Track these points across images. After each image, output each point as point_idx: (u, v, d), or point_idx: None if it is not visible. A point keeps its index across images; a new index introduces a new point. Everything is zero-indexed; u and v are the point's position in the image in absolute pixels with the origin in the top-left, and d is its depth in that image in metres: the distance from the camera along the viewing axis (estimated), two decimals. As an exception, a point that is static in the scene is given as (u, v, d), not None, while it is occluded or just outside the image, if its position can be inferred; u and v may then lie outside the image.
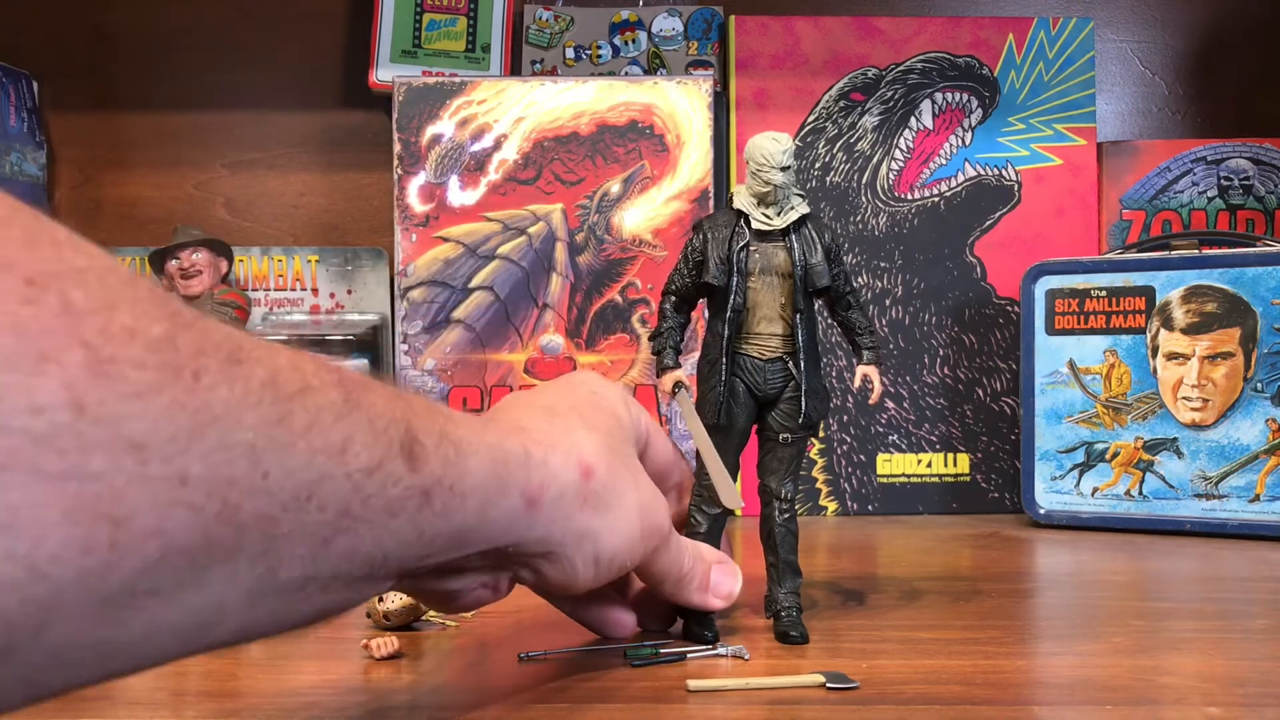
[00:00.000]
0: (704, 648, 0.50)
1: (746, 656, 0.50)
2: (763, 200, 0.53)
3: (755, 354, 0.54)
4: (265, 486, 0.27)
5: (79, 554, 0.23)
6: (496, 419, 0.43)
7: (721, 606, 0.52)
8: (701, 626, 0.52)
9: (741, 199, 0.54)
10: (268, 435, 0.27)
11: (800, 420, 0.53)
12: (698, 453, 0.53)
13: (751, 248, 0.53)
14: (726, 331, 0.53)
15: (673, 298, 0.55)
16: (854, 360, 0.56)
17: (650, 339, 0.56)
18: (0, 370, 0.22)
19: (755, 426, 0.55)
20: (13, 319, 0.22)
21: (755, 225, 0.53)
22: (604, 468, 0.43)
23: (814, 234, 0.54)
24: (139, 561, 0.24)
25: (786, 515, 0.54)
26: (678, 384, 0.54)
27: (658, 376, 0.55)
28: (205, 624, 0.28)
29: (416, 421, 0.33)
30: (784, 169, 0.52)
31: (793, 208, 0.54)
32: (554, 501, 0.40)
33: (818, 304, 0.56)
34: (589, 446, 0.43)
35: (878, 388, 0.55)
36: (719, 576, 0.52)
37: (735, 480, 0.54)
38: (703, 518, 0.54)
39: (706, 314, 0.55)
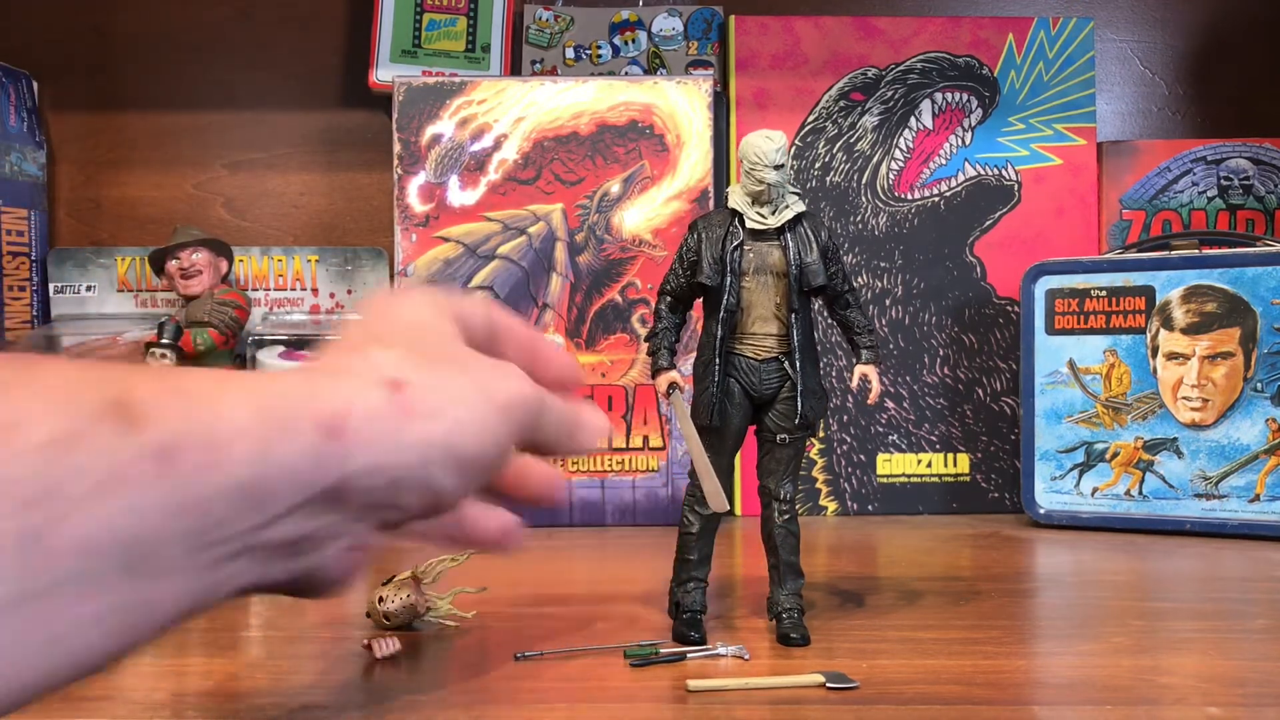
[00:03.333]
0: (704, 648, 0.50)
1: (746, 656, 0.50)
2: (757, 199, 0.53)
3: (750, 354, 0.53)
4: None
5: None
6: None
7: (599, 444, 0.44)
8: (689, 628, 0.52)
9: (736, 198, 0.54)
10: None
11: (797, 420, 0.53)
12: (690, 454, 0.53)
13: (745, 247, 0.53)
14: (720, 331, 0.53)
15: (668, 298, 0.55)
16: (853, 360, 0.56)
17: (646, 339, 0.55)
18: None
19: (754, 427, 0.55)
20: None
21: (750, 224, 0.53)
22: (413, 372, 0.37)
23: (810, 232, 0.53)
24: None
25: (786, 516, 0.54)
26: (672, 385, 0.53)
27: (653, 378, 0.54)
28: None
29: (131, 381, 0.31)
30: (778, 167, 0.52)
31: (788, 206, 0.53)
32: (365, 423, 0.35)
33: (817, 303, 0.55)
34: (389, 362, 0.38)
35: (876, 387, 0.55)
36: (588, 412, 0.41)
37: (730, 480, 0.54)
38: (695, 518, 0.54)
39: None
